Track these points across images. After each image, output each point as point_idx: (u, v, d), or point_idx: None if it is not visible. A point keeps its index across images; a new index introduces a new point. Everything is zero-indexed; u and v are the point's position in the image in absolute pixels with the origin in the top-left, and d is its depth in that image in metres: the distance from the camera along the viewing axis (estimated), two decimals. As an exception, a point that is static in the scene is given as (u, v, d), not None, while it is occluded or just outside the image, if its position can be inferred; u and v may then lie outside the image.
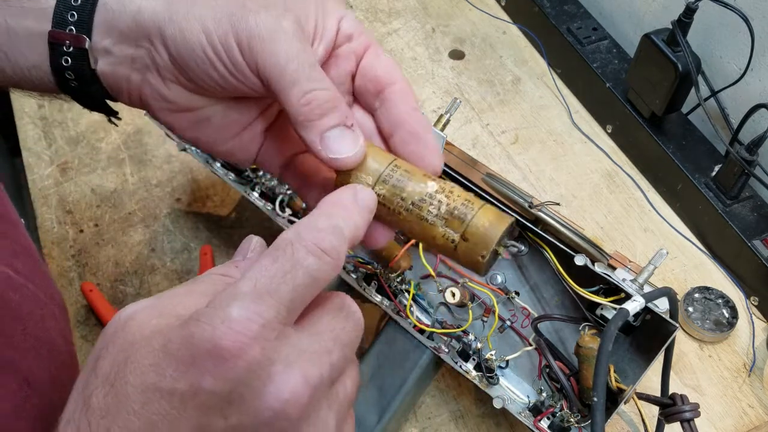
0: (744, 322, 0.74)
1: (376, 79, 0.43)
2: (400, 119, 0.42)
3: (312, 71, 0.39)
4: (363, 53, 0.44)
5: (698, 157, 0.81)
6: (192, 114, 0.43)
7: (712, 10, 0.77)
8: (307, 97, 0.39)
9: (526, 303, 0.66)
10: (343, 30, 0.43)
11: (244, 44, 0.39)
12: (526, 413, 0.62)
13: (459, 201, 0.39)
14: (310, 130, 0.39)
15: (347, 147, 0.40)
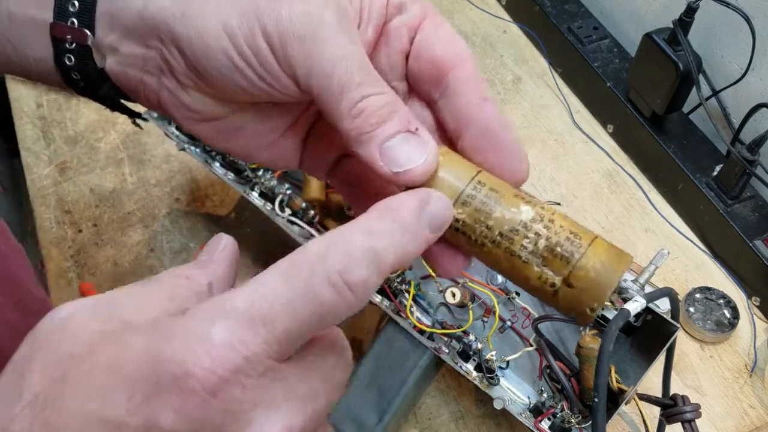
0: (745, 323, 0.74)
1: (434, 61, 0.34)
2: (470, 115, 0.34)
3: (364, 73, 0.32)
4: (418, 26, 0.35)
5: (699, 156, 0.81)
6: (219, 123, 0.37)
7: (713, 10, 0.76)
8: (359, 107, 0.32)
9: (527, 303, 0.65)
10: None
11: (277, 46, 0.32)
12: (526, 414, 0.62)
13: (563, 234, 0.31)
14: (367, 144, 0.32)
15: (414, 156, 0.32)
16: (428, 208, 0.30)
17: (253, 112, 0.37)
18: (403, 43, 0.35)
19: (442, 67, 0.34)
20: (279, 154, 0.39)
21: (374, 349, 0.63)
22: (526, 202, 0.32)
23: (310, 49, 0.31)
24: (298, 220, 0.70)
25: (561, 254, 0.30)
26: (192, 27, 0.33)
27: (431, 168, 0.32)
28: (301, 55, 0.32)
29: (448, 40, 0.34)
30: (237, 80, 0.33)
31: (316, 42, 0.31)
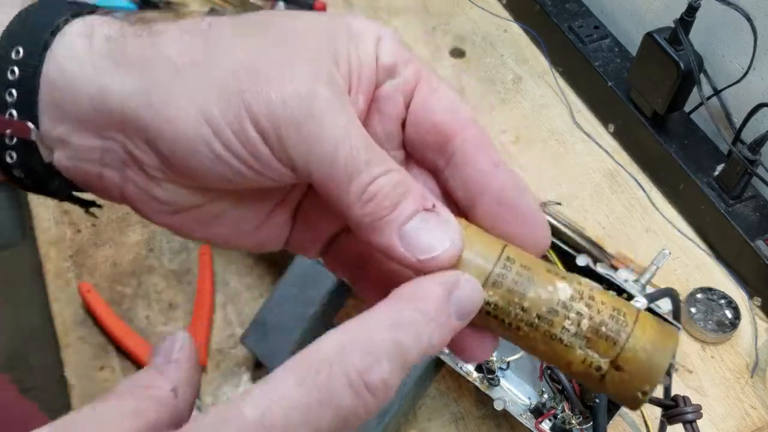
0: (747, 323, 0.74)
1: (435, 127, 0.31)
2: (483, 183, 0.30)
3: (370, 152, 0.28)
4: (413, 90, 0.31)
5: (700, 156, 0.81)
6: (195, 212, 0.32)
7: (714, 9, 0.76)
8: (370, 190, 0.28)
9: (528, 304, 0.65)
10: (383, 61, 0.31)
11: (270, 134, 0.27)
12: (527, 415, 0.61)
13: (606, 312, 0.28)
14: (384, 231, 0.28)
15: (438, 239, 0.28)
16: (457, 293, 0.27)
17: (235, 197, 0.32)
18: (398, 109, 0.31)
19: (446, 133, 0.31)
20: (264, 238, 0.34)
21: (374, 349, 0.63)
22: (561, 278, 0.29)
23: (309, 133, 0.27)
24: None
25: (606, 335, 0.28)
26: (163, 117, 0.28)
27: (458, 251, 0.28)
28: (298, 141, 0.27)
29: (449, 102, 0.31)
30: (222, 172, 0.29)
31: (314, 123, 0.27)
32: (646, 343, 0.28)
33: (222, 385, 0.68)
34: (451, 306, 0.27)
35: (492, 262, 0.29)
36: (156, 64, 0.28)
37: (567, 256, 0.60)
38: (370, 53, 0.30)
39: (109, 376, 0.68)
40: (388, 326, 0.26)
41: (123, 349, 0.69)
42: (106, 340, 0.70)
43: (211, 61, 0.28)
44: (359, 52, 0.30)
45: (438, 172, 0.32)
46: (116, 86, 0.28)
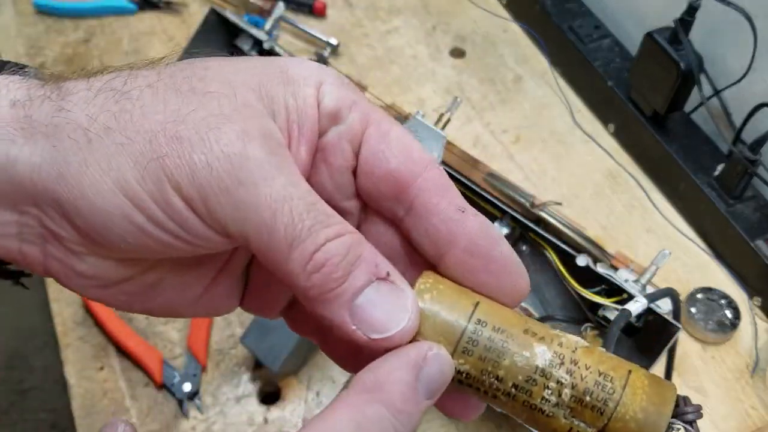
0: (747, 323, 0.74)
1: (389, 175, 0.28)
2: (450, 233, 0.27)
3: (314, 215, 0.25)
4: (361, 135, 0.28)
5: (701, 156, 0.81)
6: (129, 284, 0.28)
7: (714, 9, 0.76)
8: (316, 259, 0.25)
9: (528, 304, 0.65)
10: (326, 107, 0.27)
11: (195, 202, 0.25)
12: (527, 415, 0.61)
13: (590, 379, 0.26)
14: (332, 305, 0.25)
15: (393, 314, 0.26)
16: (426, 370, 0.25)
17: (169, 265, 0.29)
18: (347, 158, 0.28)
19: (402, 181, 0.27)
20: (214, 304, 0.31)
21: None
22: (539, 340, 0.26)
23: (241, 200, 0.24)
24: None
25: (592, 404, 0.25)
26: (76, 190, 0.25)
27: (415, 327, 0.26)
28: (230, 209, 0.24)
29: (402, 147, 0.28)
30: (148, 245, 0.26)
31: (246, 190, 0.24)
32: (637, 412, 0.26)
33: (222, 385, 0.68)
34: (420, 385, 0.25)
35: (462, 324, 0.26)
36: (65, 131, 0.25)
37: (567, 256, 0.60)
38: (311, 100, 0.27)
39: (108, 376, 0.68)
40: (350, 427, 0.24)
41: (123, 350, 0.69)
42: (106, 340, 0.70)
43: (126, 127, 0.25)
44: (298, 99, 0.27)
45: (398, 221, 0.29)
46: (24, 157, 0.25)
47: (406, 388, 0.25)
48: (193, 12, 1.00)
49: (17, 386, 0.77)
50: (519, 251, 0.66)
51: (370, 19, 1.01)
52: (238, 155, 0.24)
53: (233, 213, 0.25)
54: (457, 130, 0.89)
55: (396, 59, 0.96)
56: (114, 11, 0.99)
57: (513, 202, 0.66)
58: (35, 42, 0.95)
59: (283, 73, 0.27)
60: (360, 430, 0.24)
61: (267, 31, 0.75)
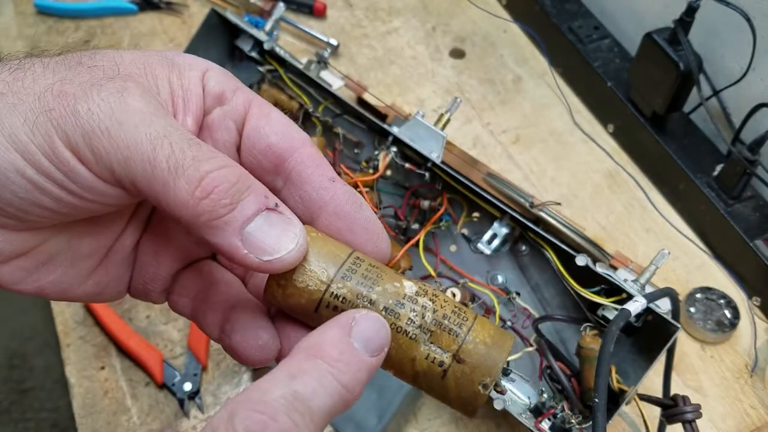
0: (746, 323, 0.74)
1: (269, 149, 0.31)
2: (321, 199, 0.31)
3: (196, 148, 0.27)
4: (245, 116, 0.32)
5: (700, 156, 0.81)
6: (25, 258, 0.29)
7: (713, 9, 0.76)
8: (204, 186, 0.26)
9: (527, 303, 0.65)
10: (210, 89, 0.31)
11: (82, 148, 0.26)
12: (527, 414, 0.61)
13: (448, 307, 0.29)
14: (224, 231, 0.27)
15: (283, 239, 0.28)
16: (357, 328, 0.27)
17: (67, 235, 0.30)
18: (232, 135, 0.31)
19: (280, 154, 0.31)
20: (103, 282, 0.32)
21: (374, 349, 0.63)
22: (407, 279, 0.30)
23: (122, 138, 0.26)
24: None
25: (449, 327, 0.29)
26: None
27: (303, 251, 0.28)
28: (113, 149, 0.26)
29: (281, 126, 0.31)
30: (40, 201, 0.27)
31: (127, 129, 0.26)
32: (486, 337, 0.29)
33: (222, 385, 0.69)
34: (356, 343, 0.27)
35: (341, 259, 0.29)
36: None
37: (566, 255, 0.60)
38: (195, 80, 0.30)
39: (109, 376, 0.68)
40: (284, 380, 0.25)
41: (123, 349, 0.69)
42: (107, 339, 0.71)
43: (17, 90, 0.27)
44: (183, 80, 0.30)
45: (277, 192, 0.32)
46: None
47: (339, 342, 0.27)
48: (194, 13, 1.00)
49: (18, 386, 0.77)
50: (518, 251, 0.66)
51: (370, 20, 1.02)
52: (119, 102, 0.27)
53: (117, 154, 0.26)
54: (457, 131, 0.89)
55: (396, 60, 0.97)
56: (115, 12, 0.99)
57: (512, 202, 0.66)
58: (36, 42, 0.96)
59: (168, 60, 0.30)
60: (291, 381, 0.25)
61: (267, 32, 0.76)
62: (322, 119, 0.71)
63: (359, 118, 0.70)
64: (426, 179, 0.66)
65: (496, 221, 0.65)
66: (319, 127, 0.71)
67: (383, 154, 0.66)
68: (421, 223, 0.67)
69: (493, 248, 0.65)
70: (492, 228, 0.65)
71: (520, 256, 0.66)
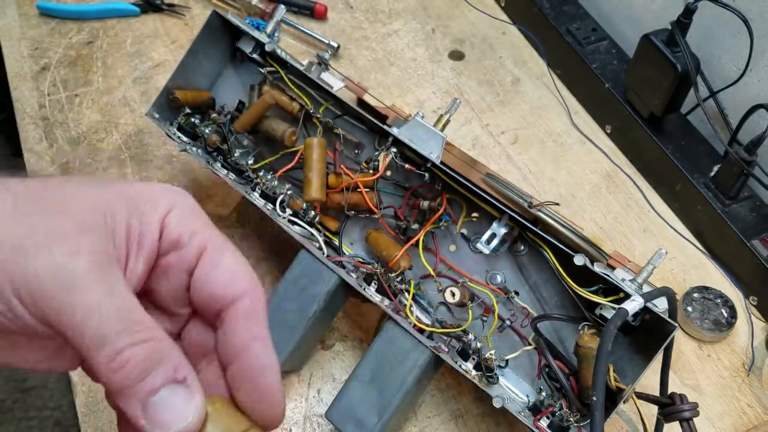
0: (743, 322, 0.74)
1: (212, 297, 0.34)
2: (236, 349, 0.33)
3: (123, 322, 0.30)
4: (196, 262, 0.34)
5: (697, 157, 0.82)
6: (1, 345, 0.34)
7: (711, 11, 0.77)
8: (118, 360, 0.30)
9: (526, 303, 0.66)
10: (168, 233, 0.33)
11: (27, 302, 0.30)
12: (525, 412, 0.62)
13: None
14: (129, 399, 0.30)
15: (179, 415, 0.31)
16: None
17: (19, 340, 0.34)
18: (182, 277, 0.34)
19: (220, 303, 0.34)
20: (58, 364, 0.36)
21: (374, 348, 0.63)
22: None
23: (60, 304, 0.30)
24: (298, 220, 0.70)
25: None
26: None
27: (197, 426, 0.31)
28: (52, 311, 0.30)
29: (228, 275, 0.34)
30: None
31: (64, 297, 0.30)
32: None
33: (224, 384, 0.69)
34: None
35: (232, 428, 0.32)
36: None
37: (565, 255, 0.61)
38: (153, 225, 0.33)
39: (112, 375, 0.69)
40: None
41: (126, 348, 0.70)
42: (109, 339, 0.71)
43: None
44: (142, 224, 0.33)
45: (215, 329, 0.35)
46: None
47: None
48: (195, 14, 1.00)
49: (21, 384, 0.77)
50: (517, 251, 0.67)
51: (371, 22, 1.02)
52: (62, 268, 0.30)
53: (55, 315, 0.30)
54: (456, 131, 0.90)
55: (396, 61, 0.97)
56: (117, 14, 1.00)
57: (511, 202, 0.66)
58: (39, 44, 0.96)
59: (132, 202, 0.33)
60: None
61: (268, 34, 0.76)
62: (322, 120, 0.71)
63: (359, 119, 0.71)
64: (426, 180, 0.66)
65: (495, 221, 0.65)
66: (319, 127, 0.72)
67: (383, 155, 0.66)
68: (421, 223, 0.67)
69: (492, 248, 0.65)
70: (491, 228, 0.66)
71: (519, 256, 0.67)
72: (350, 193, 0.68)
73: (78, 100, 0.91)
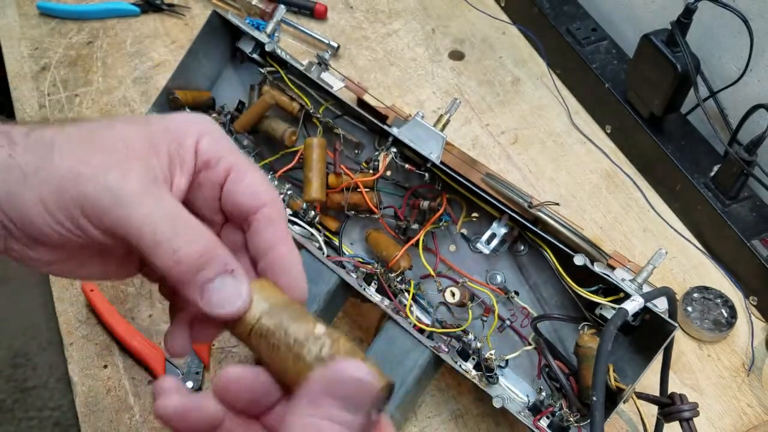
0: (743, 322, 0.74)
1: (238, 207, 0.41)
2: (264, 247, 0.41)
3: (174, 224, 0.37)
4: (224, 180, 0.41)
5: (697, 157, 0.82)
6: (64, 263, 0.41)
7: (711, 11, 0.77)
8: (177, 256, 0.36)
9: (526, 303, 0.66)
10: (201, 156, 0.40)
11: (92, 218, 0.37)
12: (525, 412, 0.62)
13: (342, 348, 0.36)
14: (188, 288, 0.37)
15: (230, 300, 0.37)
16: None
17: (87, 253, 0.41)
18: (215, 191, 0.41)
19: (246, 211, 0.41)
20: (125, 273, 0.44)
21: (374, 347, 0.63)
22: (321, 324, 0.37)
23: (119, 217, 0.36)
24: (298, 220, 0.71)
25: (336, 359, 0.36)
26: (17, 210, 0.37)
27: (245, 308, 0.37)
28: (113, 224, 0.36)
29: (252, 187, 0.41)
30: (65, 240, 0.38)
31: (122, 208, 0.36)
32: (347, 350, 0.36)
33: (224, 384, 0.69)
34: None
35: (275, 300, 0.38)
36: (12, 171, 0.37)
37: (565, 255, 0.61)
38: (190, 150, 0.40)
39: (112, 374, 0.69)
40: None
41: (126, 348, 0.70)
42: (110, 338, 0.71)
43: (48, 167, 0.37)
44: (180, 149, 0.40)
45: (244, 232, 0.42)
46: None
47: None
48: (196, 15, 1.01)
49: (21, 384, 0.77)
50: (517, 251, 0.67)
51: (370, 22, 1.02)
52: (119, 186, 0.37)
53: (115, 225, 0.36)
54: (456, 131, 0.90)
55: (396, 61, 0.97)
56: (117, 14, 1.00)
57: (511, 202, 0.67)
58: (39, 44, 0.96)
59: (169, 131, 0.40)
60: None
61: (268, 34, 0.76)
62: (322, 120, 0.71)
63: (359, 119, 0.71)
64: (426, 180, 0.66)
65: (495, 221, 0.65)
66: (319, 127, 0.72)
67: (383, 155, 0.66)
68: (421, 223, 0.67)
69: (492, 248, 0.66)
70: (491, 228, 0.66)
71: (519, 256, 0.67)
72: (350, 193, 0.68)
73: (78, 100, 0.91)
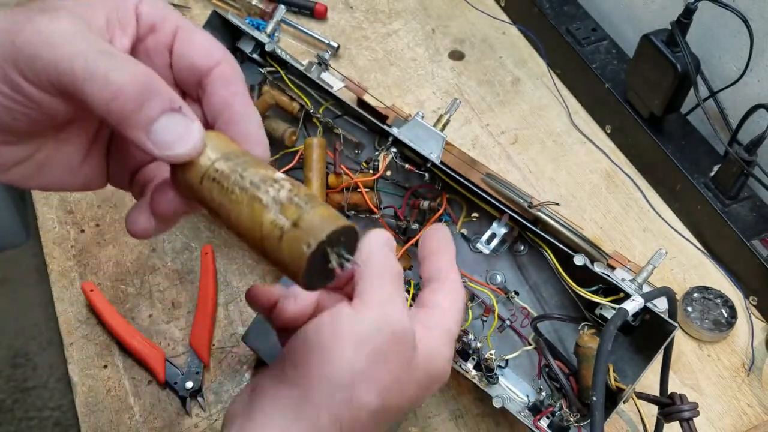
0: (743, 322, 0.74)
1: (191, 67, 0.38)
2: (220, 106, 0.38)
3: (106, 57, 0.33)
4: (173, 41, 0.38)
5: (697, 157, 0.82)
6: (26, 165, 0.37)
7: (711, 11, 0.77)
8: (112, 90, 0.32)
9: (526, 302, 0.66)
10: (144, 20, 0.38)
11: (26, 71, 0.33)
12: (525, 412, 0.62)
13: (302, 192, 0.34)
14: (132, 127, 0.33)
15: (181, 138, 0.34)
16: None
17: (53, 142, 0.38)
18: (164, 57, 0.38)
19: (200, 71, 0.38)
20: (90, 175, 0.41)
21: (374, 348, 0.63)
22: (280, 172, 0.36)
23: (50, 58, 0.33)
24: None
25: (297, 203, 0.33)
26: None
27: (196, 149, 0.34)
28: (45, 67, 0.33)
29: (202, 45, 0.38)
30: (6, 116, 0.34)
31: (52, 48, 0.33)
32: (324, 212, 0.34)
33: (224, 383, 0.69)
34: None
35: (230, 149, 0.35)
36: None
37: (565, 255, 0.61)
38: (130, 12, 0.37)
39: (112, 374, 0.69)
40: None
41: (126, 348, 0.70)
42: (110, 338, 0.71)
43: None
44: (119, 12, 0.37)
45: (200, 100, 0.39)
46: None
47: None
48: (195, 14, 1.00)
49: (21, 384, 0.77)
50: (517, 251, 0.67)
51: (370, 22, 1.02)
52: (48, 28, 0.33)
53: (49, 71, 0.33)
54: (456, 131, 0.90)
55: (396, 61, 0.97)
56: (116, 13, 1.00)
57: (511, 202, 0.67)
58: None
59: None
60: None
61: (268, 34, 0.76)
62: (322, 120, 0.71)
63: (359, 119, 0.71)
64: (426, 180, 0.66)
65: (495, 221, 0.65)
66: (319, 127, 0.72)
67: (383, 155, 0.66)
68: (421, 223, 0.67)
69: (492, 248, 0.66)
70: (491, 228, 0.66)
71: (519, 256, 0.67)
72: (350, 193, 0.68)
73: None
